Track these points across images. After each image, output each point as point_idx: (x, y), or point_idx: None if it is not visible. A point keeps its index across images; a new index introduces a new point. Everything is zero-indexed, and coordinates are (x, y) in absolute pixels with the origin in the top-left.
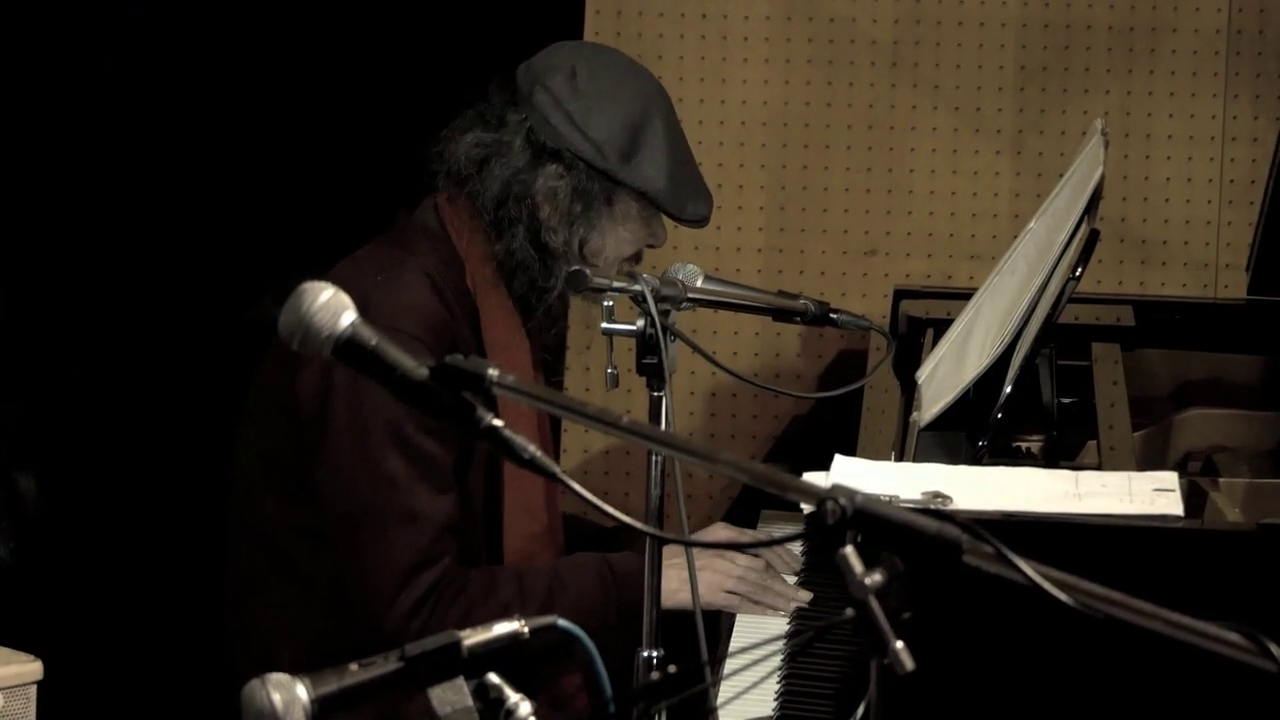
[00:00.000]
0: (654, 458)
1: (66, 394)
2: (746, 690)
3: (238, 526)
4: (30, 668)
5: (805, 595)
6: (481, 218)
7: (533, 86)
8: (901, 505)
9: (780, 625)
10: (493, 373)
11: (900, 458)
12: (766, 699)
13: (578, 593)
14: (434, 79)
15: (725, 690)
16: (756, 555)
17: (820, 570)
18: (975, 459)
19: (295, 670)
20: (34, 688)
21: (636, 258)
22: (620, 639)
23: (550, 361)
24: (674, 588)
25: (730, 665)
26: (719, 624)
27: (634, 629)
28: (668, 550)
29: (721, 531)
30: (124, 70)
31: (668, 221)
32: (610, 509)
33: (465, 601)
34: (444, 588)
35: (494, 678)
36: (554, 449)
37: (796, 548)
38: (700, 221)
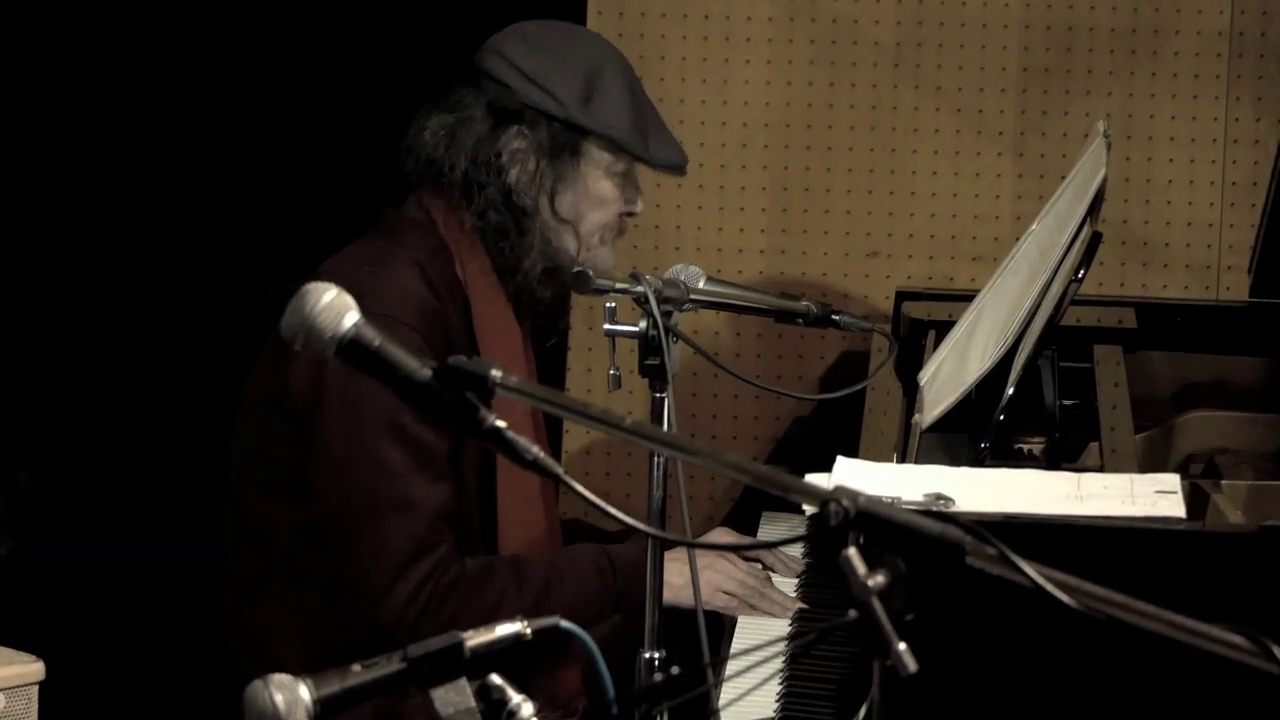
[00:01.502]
0: (656, 459)
1: (67, 394)
2: (749, 692)
3: (234, 525)
4: (32, 668)
5: (793, 605)
6: (454, 194)
7: (486, 57)
8: (904, 507)
9: (782, 626)
10: (495, 374)
11: (902, 459)
12: (768, 700)
13: (576, 584)
14: (435, 79)
15: (727, 691)
16: (757, 561)
17: (822, 572)
18: (977, 461)
19: (296, 668)
20: (36, 688)
21: (619, 230)
22: (623, 639)
23: (545, 334)
24: (677, 584)
25: (732, 667)
26: (721, 625)
27: (636, 630)
28: (670, 549)
29: (723, 537)
30: (124, 70)
31: (662, 194)
32: (613, 510)
33: (461, 590)
34: (440, 576)
35: (496, 679)
36: (553, 447)
37: (797, 550)
38: (671, 168)
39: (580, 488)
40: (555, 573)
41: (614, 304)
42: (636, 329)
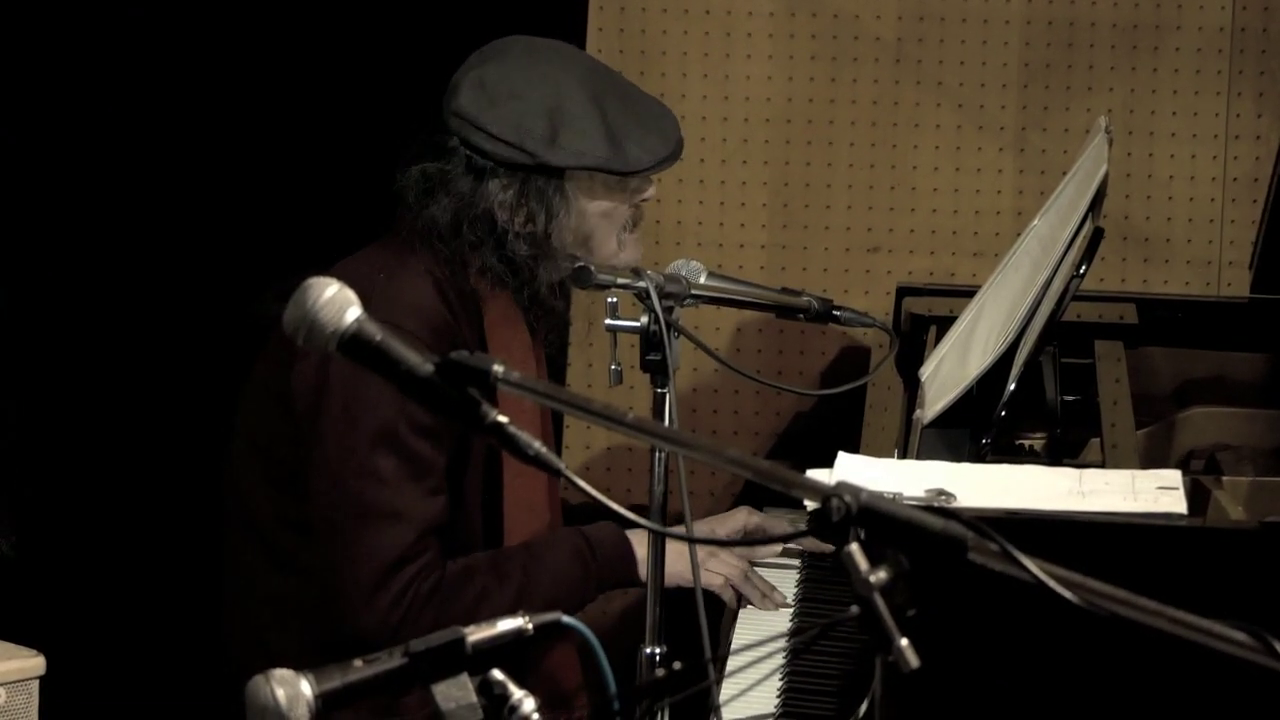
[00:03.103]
0: (658, 454)
1: (68, 388)
2: (750, 688)
3: (232, 519)
4: (33, 662)
5: (780, 599)
6: (448, 244)
7: (448, 113)
8: (905, 503)
9: (784, 622)
10: (498, 369)
11: (903, 455)
12: (769, 695)
13: (554, 569)
14: (439, 78)
15: (728, 687)
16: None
17: (823, 568)
18: (979, 456)
19: (293, 663)
20: (36, 683)
21: (636, 220)
22: (624, 635)
23: (552, 356)
24: (674, 566)
25: (734, 662)
26: (721, 621)
27: (637, 624)
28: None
29: (741, 513)
30: (124, 69)
31: (663, 190)
32: (615, 505)
33: (442, 593)
34: (420, 583)
35: (498, 674)
36: (557, 446)
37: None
38: (658, 164)
39: (582, 483)
40: (533, 561)
41: (615, 299)
42: (638, 324)
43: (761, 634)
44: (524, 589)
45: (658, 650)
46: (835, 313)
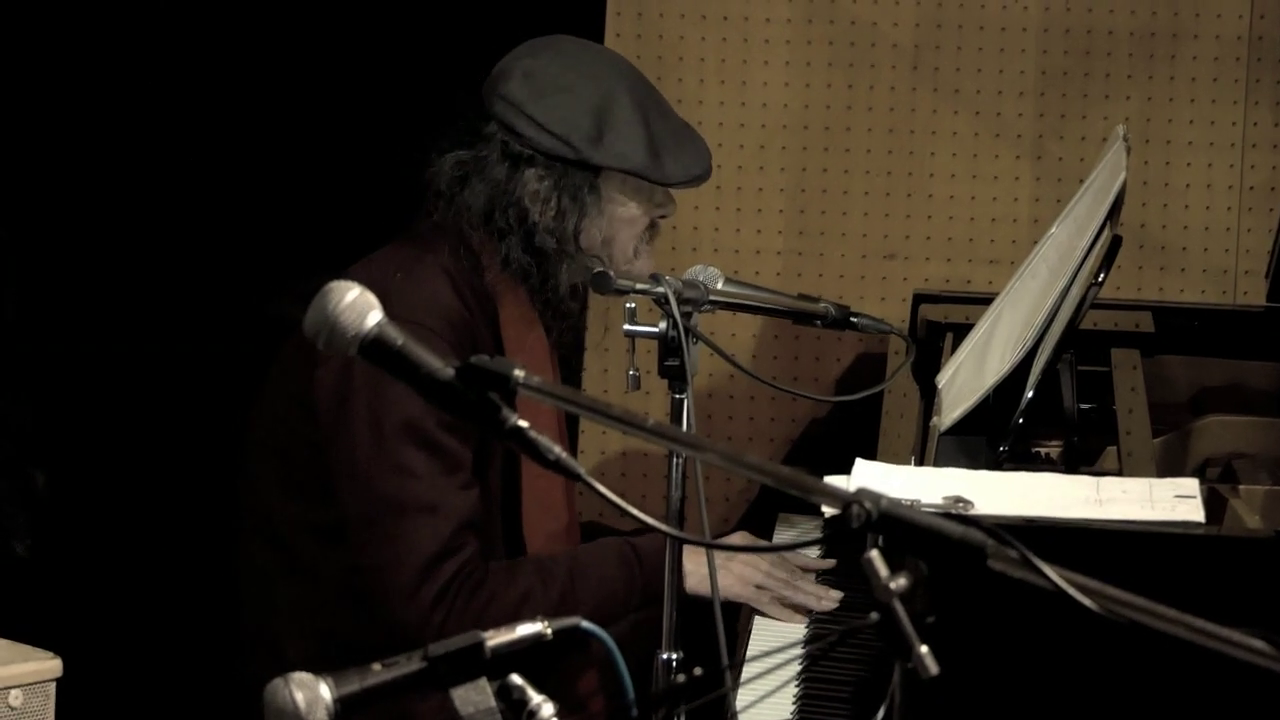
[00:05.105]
0: (675, 459)
1: (82, 392)
2: (766, 696)
3: (248, 523)
4: (49, 665)
5: (835, 594)
6: (477, 232)
7: (493, 97)
8: (924, 510)
9: (799, 629)
10: (518, 373)
11: (920, 462)
12: (785, 702)
13: (600, 576)
14: (455, 81)
15: (745, 694)
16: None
17: (839, 574)
18: (995, 464)
19: (306, 668)
20: (53, 685)
21: (653, 234)
22: (640, 640)
23: (566, 358)
24: (702, 573)
25: (750, 670)
26: (737, 627)
27: (654, 630)
28: (690, 548)
29: (741, 540)
30: (133, 67)
31: (680, 196)
32: (633, 510)
33: (487, 592)
34: (465, 578)
35: (517, 679)
36: (572, 449)
37: (811, 550)
38: (691, 181)
39: (602, 488)
40: (579, 567)
41: (633, 304)
42: (656, 330)
43: (778, 640)
44: (568, 592)
45: (674, 656)
46: (852, 319)
